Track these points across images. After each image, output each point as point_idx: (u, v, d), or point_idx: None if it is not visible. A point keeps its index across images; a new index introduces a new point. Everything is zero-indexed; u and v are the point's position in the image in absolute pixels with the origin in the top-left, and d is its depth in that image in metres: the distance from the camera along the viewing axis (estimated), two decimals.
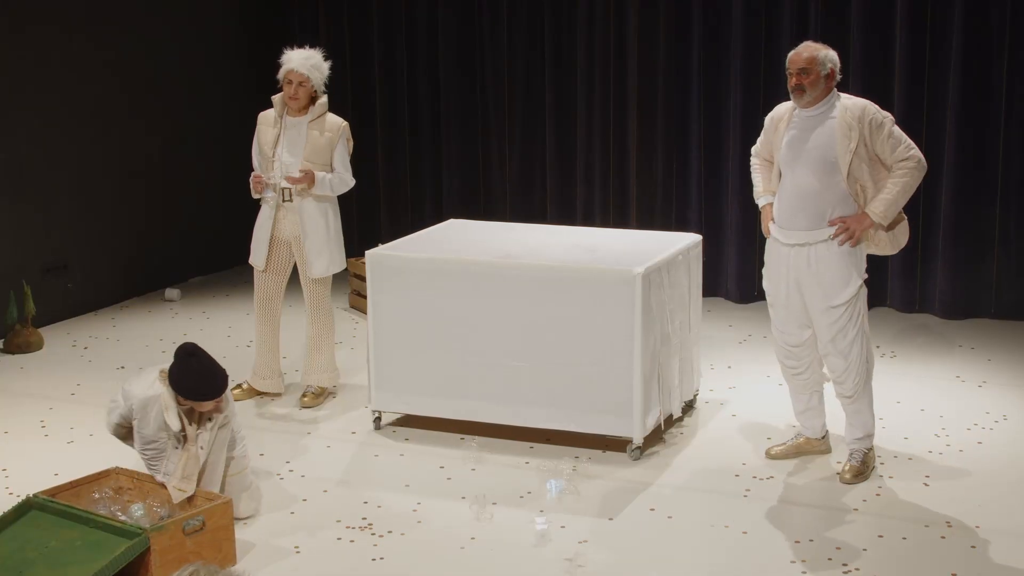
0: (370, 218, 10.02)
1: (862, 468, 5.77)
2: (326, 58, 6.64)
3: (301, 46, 6.65)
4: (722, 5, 8.64)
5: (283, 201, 6.64)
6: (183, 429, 5.13)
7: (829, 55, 5.57)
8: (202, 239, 9.73)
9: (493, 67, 9.46)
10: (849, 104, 5.57)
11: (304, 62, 6.52)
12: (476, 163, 9.69)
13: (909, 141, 5.57)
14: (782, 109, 5.78)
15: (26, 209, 8.33)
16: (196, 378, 5.09)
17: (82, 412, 6.81)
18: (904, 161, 5.52)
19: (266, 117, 6.72)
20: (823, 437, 6.03)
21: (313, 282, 6.74)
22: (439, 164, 9.81)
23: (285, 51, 6.61)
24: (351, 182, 6.72)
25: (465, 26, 9.51)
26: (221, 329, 8.40)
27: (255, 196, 6.71)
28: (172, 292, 9.19)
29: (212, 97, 9.74)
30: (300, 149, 6.57)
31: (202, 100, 9.66)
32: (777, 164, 5.69)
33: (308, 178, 6.52)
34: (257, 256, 6.77)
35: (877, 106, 5.61)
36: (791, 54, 5.61)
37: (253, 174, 6.65)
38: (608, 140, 9.14)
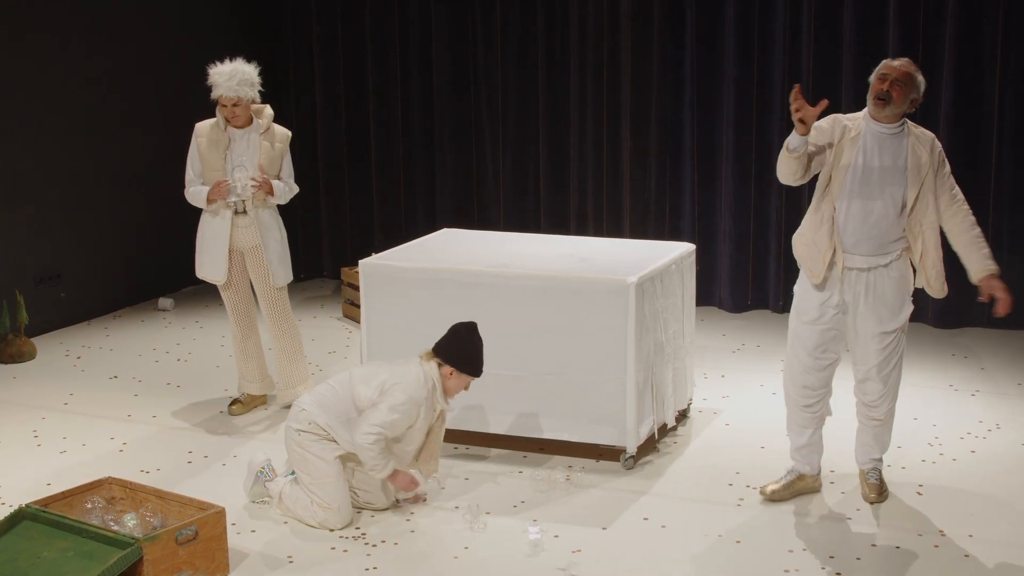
0: (364, 227, 10.01)
1: (883, 487, 5.71)
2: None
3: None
4: (715, 16, 8.65)
5: (236, 213, 6.61)
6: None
7: (923, 81, 5.39)
8: (195, 248, 9.69)
9: (486, 76, 9.46)
10: (918, 132, 5.39)
11: (229, 83, 6.42)
12: (470, 172, 9.69)
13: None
14: (852, 120, 5.43)
15: (19, 218, 8.32)
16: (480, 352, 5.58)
17: (75, 422, 6.80)
18: (962, 203, 5.44)
19: (204, 129, 6.63)
20: (818, 474, 5.83)
21: (276, 291, 6.74)
22: (432, 173, 9.81)
23: (210, 69, 6.47)
24: (296, 188, 6.77)
25: (459, 35, 9.51)
26: (214, 338, 8.39)
27: (217, 204, 6.55)
28: (165, 301, 9.17)
29: (206, 107, 9.68)
30: (253, 160, 6.55)
31: (195, 110, 9.60)
32: (842, 184, 5.37)
33: (267, 186, 6.53)
34: (217, 270, 6.67)
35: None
36: (888, 61, 5.37)
37: (217, 181, 6.50)
38: (601, 149, 9.14)
